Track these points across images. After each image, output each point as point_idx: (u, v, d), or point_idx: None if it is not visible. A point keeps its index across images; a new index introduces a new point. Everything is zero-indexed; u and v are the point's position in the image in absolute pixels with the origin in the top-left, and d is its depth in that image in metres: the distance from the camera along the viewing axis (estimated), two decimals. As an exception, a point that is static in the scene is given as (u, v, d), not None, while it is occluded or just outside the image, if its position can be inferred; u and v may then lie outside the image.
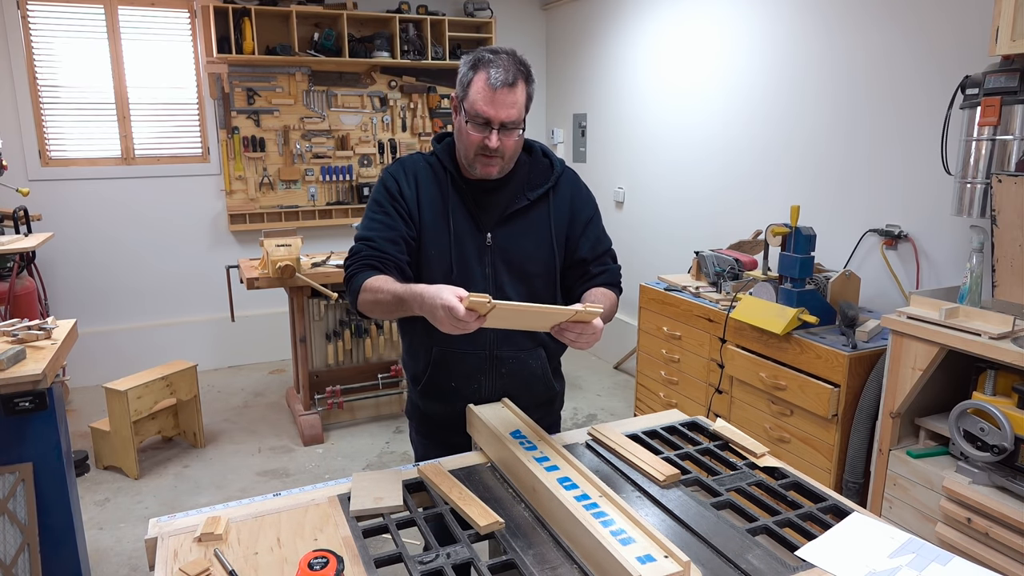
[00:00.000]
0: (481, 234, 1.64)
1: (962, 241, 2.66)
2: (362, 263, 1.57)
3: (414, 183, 1.65)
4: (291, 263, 3.54)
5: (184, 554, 1.23)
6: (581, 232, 1.71)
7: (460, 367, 1.68)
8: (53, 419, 2.03)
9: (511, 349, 1.68)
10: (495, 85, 1.49)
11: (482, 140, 1.53)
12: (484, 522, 1.28)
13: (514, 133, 1.55)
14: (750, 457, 1.57)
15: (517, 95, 1.52)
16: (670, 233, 4.36)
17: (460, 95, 1.56)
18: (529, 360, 1.72)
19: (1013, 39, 2.10)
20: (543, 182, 1.68)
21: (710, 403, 3.15)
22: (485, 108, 1.50)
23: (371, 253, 1.58)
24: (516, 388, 1.72)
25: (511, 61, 1.52)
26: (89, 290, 4.59)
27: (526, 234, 1.66)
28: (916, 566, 1.16)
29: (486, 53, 1.53)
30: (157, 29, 4.51)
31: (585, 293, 1.68)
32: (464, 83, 1.54)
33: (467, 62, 1.55)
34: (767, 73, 3.52)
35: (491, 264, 1.65)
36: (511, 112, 1.51)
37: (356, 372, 4.13)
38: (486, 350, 1.67)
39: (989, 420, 1.97)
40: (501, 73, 1.49)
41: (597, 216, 1.76)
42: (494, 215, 1.65)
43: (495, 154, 1.54)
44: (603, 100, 4.94)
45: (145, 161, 4.63)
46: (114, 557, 2.83)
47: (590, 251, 1.71)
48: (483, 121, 1.51)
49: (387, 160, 5.19)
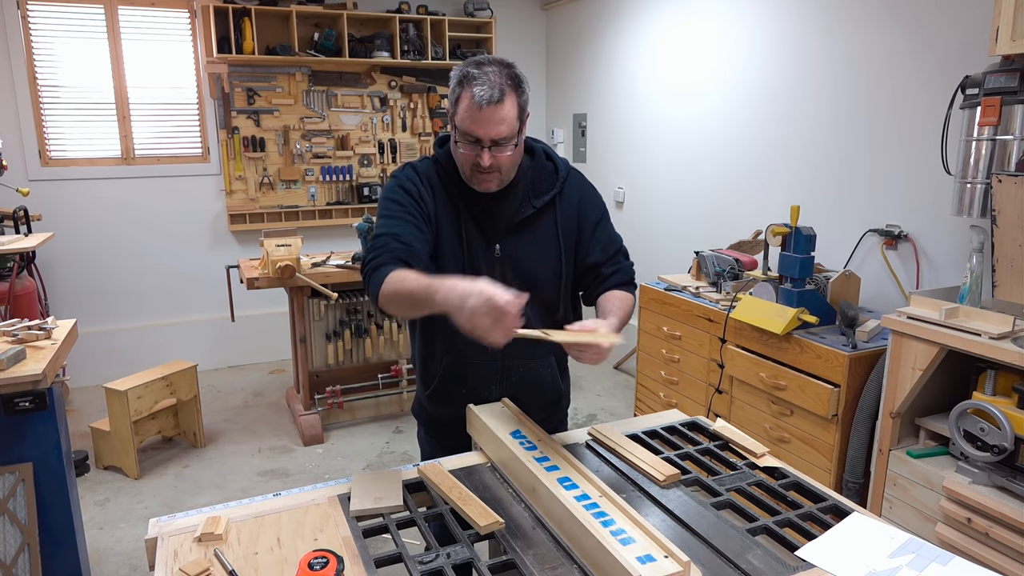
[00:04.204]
0: (490, 245, 1.62)
1: (962, 241, 2.66)
2: (391, 254, 1.48)
3: (430, 190, 1.60)
4: (291, 263, 3.54)
5: (184, 554, 1.23)
6: (591, 235, 1.69)
7: (472, 377, 1.68)
8: (53, 419, 2.03)
9: (522, 358, 1.67)
10: (480, 104, 1.43)
11: (475, 158, 1.49)
12: (484, 522, 1.28)
13: (507, 148, 1.50)
14: (750, 457, 1.57)
15: (505, 111, 1.45)
16: (670, 233, 4.36)
17: (451, 111, 1.51)
18: (540, 368, 1.73)
19: (1013, 39, 2.10)
20: (548, 188, 1.65)
21: (710, 403, 3.15)
22: (473, 127, 1.45)
23: (401, 247, 1.49)
24: (526, 395, 1.72)
25: (498, 75, 1.45)
26: (89, 290, 4.59)
27: (534, 243, 1.64)
28: (916, 566, 1.16)
29: (471, 68, 1.46)
30: (157, 29, 4.51)
31: (601, 297, 1.66)
32: (453, 100, 1.49)
33: (455, 77, 1.49)
34: (767, 73, 3.52)
35: (500, 275, 1.61)
36: (500, 129, 1.45)
37: (356, 372, 4.13)
38: (498, 360, 1.66)
39: (989, 420, 1.97)
40: (486, 90, 1.43)
41: (606, 216, 1.73)
42: (501, 225, 1.62)
43: (490, 171, 1.51)
44: (603, 100, 4.94)
45: (145, 161, 4.63)
46: (114, 557, 2.82)
47: (602, 253, 1.69)
48: (473, 140, 1.47)
49: (387, 160, 5.19)
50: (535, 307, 1.65)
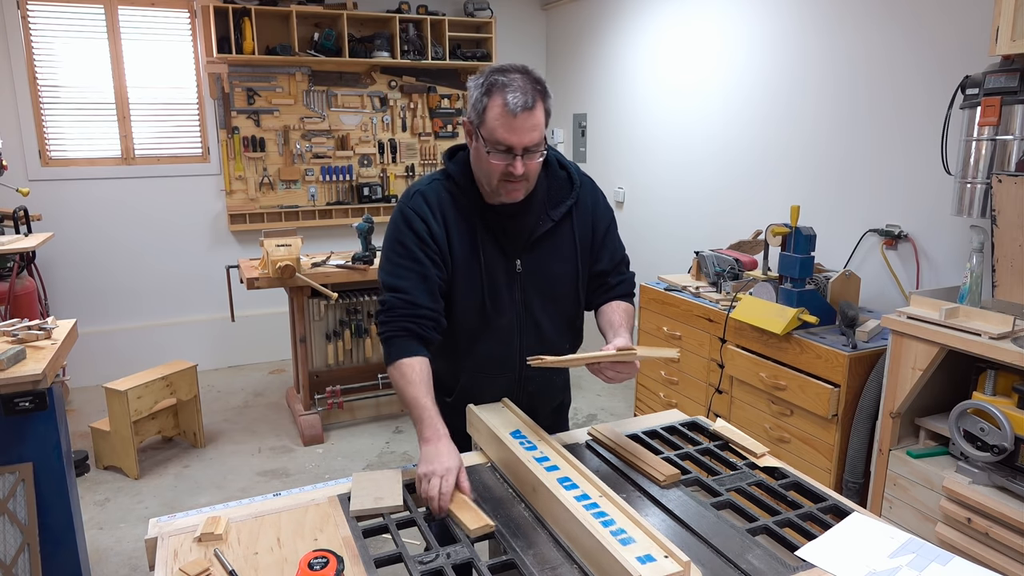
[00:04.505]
0: (510, 261, 1.60)
1: (962, 241, 2.66)
2: (398, 325, 1.50)
3: (442, 220, 1.56)
4: (291, 263, 3.54)
5: (184, 554, 1.23)
6: (601, 243, 1.69)
7: (490, 389, 1.68)
8: (53, 419, 2.03)
9: (539, 369, 1.68)
10: (515, 111, 1.40)
11: (506, 167, 1.46)
12: (474, 526, 1.28)
13: (537, 155, 1.48)
14: (750, 457, 1.57)
15: (537, 117, 1.44)
16: (670, 233, 4.36)
17: (475, 121, 1.47)
18: (555, 377, 1.74)
19: (1013, 39, 2.10)
20: (564, 198, 1.63)
21: (710, 403, 3.15)
22: (507, 136, 1.42)
23: (407, 312, 1.50)
24: (540, 403, 1.73)
25: (527, 81, 1.43)
26: (89, 290, 4.59)
27: (553, 255, 1.63)
28: (916, 566, 1.16)
29: (498, 76, 1.44)
30: (157, 29, 4.51)
31: (606, 307, 1.67)
32: (479, 109, 1.45)
33: (479, 86, 1.45)
34: (767, 73, 3.52)
35: (521, 289, 1.61)
36: (533, 136, 1.44)
37: (356, 372, 4.13)
38: (515, 372, 1.67)
39: (989, 420, 1.97)
40: (519, 97, 1.40)
41: (614, 225, 1.74)
42: (520, 240, 1.60)
43: (520, 179, 1.48)
44: (603, 100, 4.94)
45: (145, 161, 4.63)
46: (114, 557, 2.82)
47: (609, 261, 1.70)
48: (505, 148, 1.44)
49: (387, 160, 5.19)
50: (555, 318, 1.66)
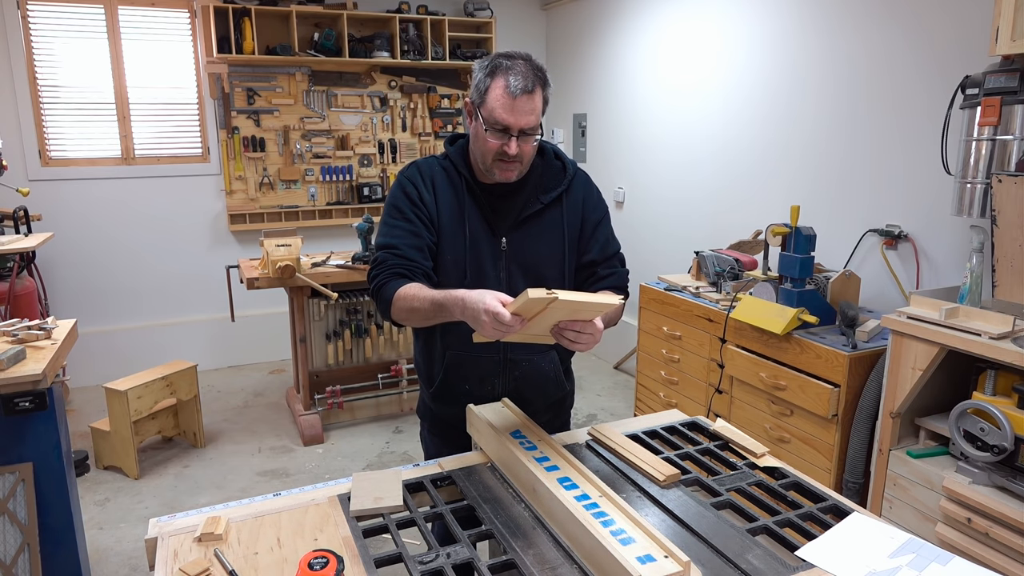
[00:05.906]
0: (496, 239, 1.64)
1: (962, 241, 2.66)
2: (390, 272, 1.56)
3: (432, 188, 1.64)
4: (291, 263, 3.54)
5: (184, 554, 1.23)
6: (591, 234, 1.71)
7: (474, 371, 1.69)
8: (53, 419, 2.03)
9: (524, 352, 1.69)
10: (514, 92, 1.47)
11: (501, 147, 1.52)
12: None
13: (532, 138, 1.54)
14: (750, 457, 1.57)
15: (535, 102, 1.51)
16: (670, 233, 4.36)
17: (476, 101, 1.54)
18: (542, 363, 1.73)
19: (1013, 39, 2.10)
20: (556, 185, 1.68)
21: (710, 403, 3.15)
22: (504, 116, 1.49)
23: (398, 261, 1.57)
24: (529, 390, 1.73)
25: (528, 67, 1.51)
26: (89, 290, 4.59)
27: (540, 237, 1.66)
28: (916, 566, 1.16)
29: (503, 59, 1.51)
30: (157, 29, 4.51)
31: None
32: (481, 89, 1.52)
33: (483, 68, 1.53)
34: (767, 73, 3.52)
35: (506, 268, 1.65)
36: (530, 119, 1.51)
37: (356, 372, 4.12)
38: (500, 353, 1.68)
39: (989, 420, 1.97)
40: (520, 80, 1.48)
41: (607, 218, 1.76)
42: (508, 219, 1.65)
43: (514, 159, 1.54)
44: (603, 100, 4.94)
45: (145, 161, 4.63)
46: (114, 557, 2.82)
47: (599, 253, 1.71)
48: (502, 128, 1.50)
49: (387, 160, 5.19)
50: None
